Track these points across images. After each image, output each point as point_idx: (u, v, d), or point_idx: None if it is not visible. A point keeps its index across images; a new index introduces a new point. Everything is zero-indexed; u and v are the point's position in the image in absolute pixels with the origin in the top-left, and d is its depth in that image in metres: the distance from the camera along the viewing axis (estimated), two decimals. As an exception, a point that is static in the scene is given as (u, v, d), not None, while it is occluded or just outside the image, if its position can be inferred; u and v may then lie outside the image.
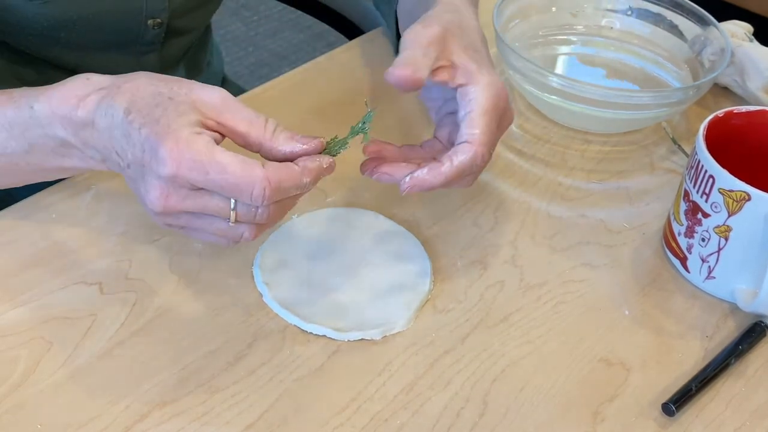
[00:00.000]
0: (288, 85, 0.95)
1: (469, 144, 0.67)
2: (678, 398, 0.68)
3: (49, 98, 0.65)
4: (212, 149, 0.59)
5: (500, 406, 0.67)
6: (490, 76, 0.70)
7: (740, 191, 0.71)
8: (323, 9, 1.24)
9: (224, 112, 0.62)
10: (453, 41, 0.70)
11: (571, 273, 0.78)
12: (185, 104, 0.61)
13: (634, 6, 1.01)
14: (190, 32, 0.98)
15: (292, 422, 0.64)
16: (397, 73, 0.66)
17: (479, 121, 0.67)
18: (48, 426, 0.62)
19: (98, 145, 0.64)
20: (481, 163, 0.67)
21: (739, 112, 0.78)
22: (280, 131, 0.63)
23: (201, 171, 0.59)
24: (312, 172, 0.62)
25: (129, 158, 0.62)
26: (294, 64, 1.20)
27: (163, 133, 0.59)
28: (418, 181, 0.67)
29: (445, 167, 0.66)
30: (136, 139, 0.61)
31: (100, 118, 0.63)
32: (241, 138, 0.62)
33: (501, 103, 0.69)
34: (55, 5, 0.82)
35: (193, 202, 0.61)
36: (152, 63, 0.95)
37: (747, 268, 0.74)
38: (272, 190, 0.59)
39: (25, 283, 0.71)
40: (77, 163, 0.67)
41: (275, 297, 0.72)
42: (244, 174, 0.59)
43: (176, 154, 0.59)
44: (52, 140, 0.66)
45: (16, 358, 0.66)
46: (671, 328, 0.74)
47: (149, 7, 0.88)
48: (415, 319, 0.72)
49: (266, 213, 0.62)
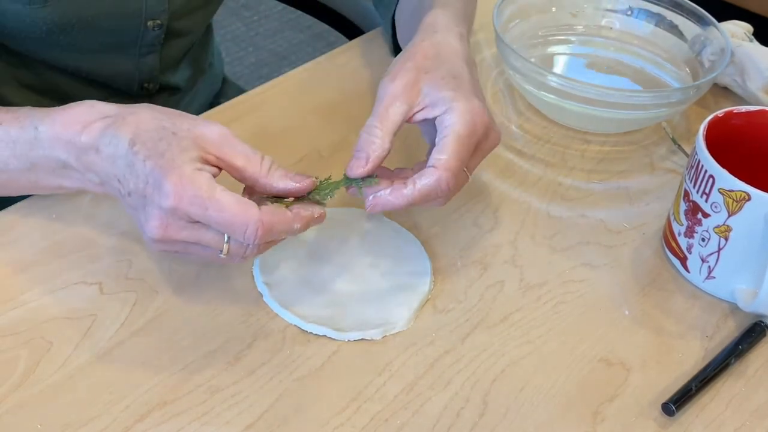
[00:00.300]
0: (288, 85, 0.95)
1: (434, 168, 0.68)
2: (678, 398, 0.68)
3: (53, 121, 0.68)
4: (213, 187, 0.62)
5: (500, 406, 0.67)
6: (468, 102, 0.70)
7: (740, 191, 0.71)
8: (323, 9, 1.24)
9: (223, 147, 0.65)
10: (426, 78, 0.72)
11: (571, 273, 0.78)
12: (188, 139, 0.64)
13: (634, 6, 1.01)
14: (190, 33, 0.98)
15: (292, 422, 0.64)
16: (356, 173, 0.69)
17: (449, 147, 0.69)
18: (48, 426, 0.62)
19: (99, 171, 0.67)
20: (446, 188, 0.69)
21: (739, 112, 0.78)
22: (276, 168, 0.66)
23: (201, 206, 0.62)
24: (303, 219, 0.66)
25: (131, 187, 0.64)
26: (294, 64, 1.20)
27: (168, 167, 0.62)
28: (380, 200, 0.69)
29: (408, 190, 0.68)
30: (140, 171, 0.63)
31: (105, 145, 0.65)
32: (238, 172, 0.66)
33: (479, 128, 0.70)
34: (54, 8, 0.82)
35: (189, 233, 0.64)
36: (151, 64, 0.95)
37: (747, 268, 0.74)
38: (264, 231, 0.63)
39: (25, 283, 0.71)
40: (75, 184, 0.70)
41: (275, 297, 0.72)
42: (240, 214, 0.62)
43: (179, 189, 0.62)
44: (54, 162, 0.68)
45: (16, 358, 0.66)
46: (671, 328, 0.74)
47: (148, 9, 0.88)
48: (415, 319, 0.72)
49: (256, 250, 0.65)
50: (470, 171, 0.72)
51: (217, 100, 1.12)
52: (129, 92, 0.97)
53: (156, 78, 0.97)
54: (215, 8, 1.00)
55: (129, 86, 0.96)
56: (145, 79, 0.96)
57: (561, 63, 1.01)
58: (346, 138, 0.88)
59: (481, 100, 0.72)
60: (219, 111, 0.91)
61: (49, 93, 0.94)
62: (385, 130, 0.70)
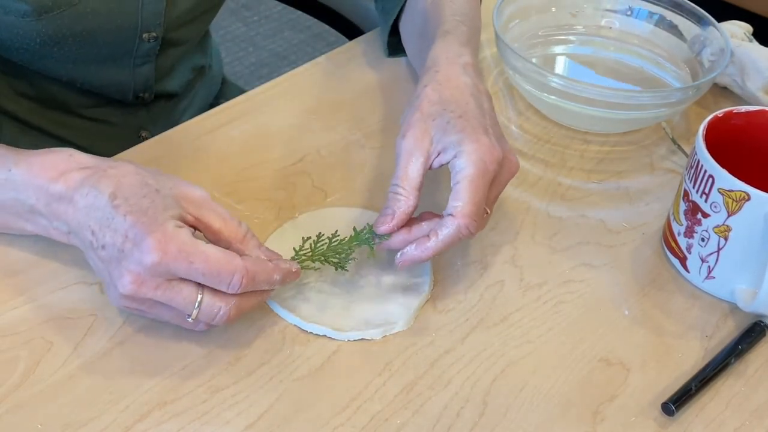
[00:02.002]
0: (288, 85, 0.95)
1: (452, 217, 0.70)
2: (678, 398, 0.68)
3: (29, 165, 0.67)
4: (195, 241, 0.64)
5: (500, 406, 0.67)
6: (475, 142, 0.71)
7: (740, 191, 0.71)
8: (323, 9, 1.24)
9: (203, 209, 0.67)
10: (434, 125, 0.73)
11: (571, 273, 0.78)
12: (170, 198, 0.65)
13: (634, 6, 1.01)
14: (186, 43, 0.98)
15: (292, 422, 0.64)
16: (383, 229, 0.71)
17: (463, 193, 0.70)
18: (48, 426, 0.62)
19: (70, 220, 0.66)
20: (467, 232, 0.70)
21: (739, 112, 0.78)
22: (251, 237, 0.68)
23: (185, 260, 0.62)
24: (282, 271, 0.67)
25: (106, 240, 0.64)
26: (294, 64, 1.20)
27: (151, 224, 0.63)
28: (408, 257, 0.71)
29: (431, 243, 0.70)
30: (120, 225, 0.63)
31: (82, 196, 0.65)
32: (214, 234, 0.67)
33: (489, 165, 0.71)
34: (48, 22, 0.81)
35: (162, 293, 0.64)
36: (147, 74, 0.94)
37: (746, 268, 0.74)
38: (248, 279, 0.64)
39: (25, 283, 0.71)
40: (39, 230, 0.70)
41: (275, 297, 0.72)
42: (226, 263, 0.63)
43: (163, 245, 0.62)
44: (21, 205, 0.68)
45: (16, 358, 0.66)
46: (671, 328, 0.74)
47: (144, 22, 0.88)
48: (415, 319, 0.72)
49: (225, 317, 0.65)
50: (490, 205, 0.73)
51: (217, 101, 1.12)
52: (124, 101, 0.97)
53: (151, 87, 0.97)
54: (212, 17, 1.00)
55: (124, 96, 0.96)
56: (140, 89, 0.96)
57: (561, 63, 1.01)
58: (346, 138, 0.88)
59: (489, 134, 0.73)
60: (219, 111, 0.91)
61: (44, 102, 0.94)
62: (408, 187, 0.71)
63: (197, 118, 0.89)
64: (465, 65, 0.78)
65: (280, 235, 0.77)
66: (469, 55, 0.80)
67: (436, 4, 0.88)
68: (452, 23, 0.84)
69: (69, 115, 0.95)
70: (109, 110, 0.97)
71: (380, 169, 0.85)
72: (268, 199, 0.81)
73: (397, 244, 0.72)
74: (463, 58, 0.79)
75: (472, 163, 0.70)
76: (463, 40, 0.82)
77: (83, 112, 0.96)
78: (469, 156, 0.70)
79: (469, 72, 0.78)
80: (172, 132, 0.87)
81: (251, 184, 0.82)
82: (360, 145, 0.88)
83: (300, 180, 0.83)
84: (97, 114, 0.97)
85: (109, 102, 0.96)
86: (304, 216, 0.79)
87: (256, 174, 0.83)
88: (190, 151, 0.85)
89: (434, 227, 0.70)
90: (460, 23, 0.84)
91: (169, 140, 0.86)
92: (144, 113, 0.99)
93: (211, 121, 0.89)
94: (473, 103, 0.75)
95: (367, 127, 0.90)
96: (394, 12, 0.95)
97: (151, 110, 1.00)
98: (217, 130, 0.88)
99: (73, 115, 0.96)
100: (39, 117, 0.94)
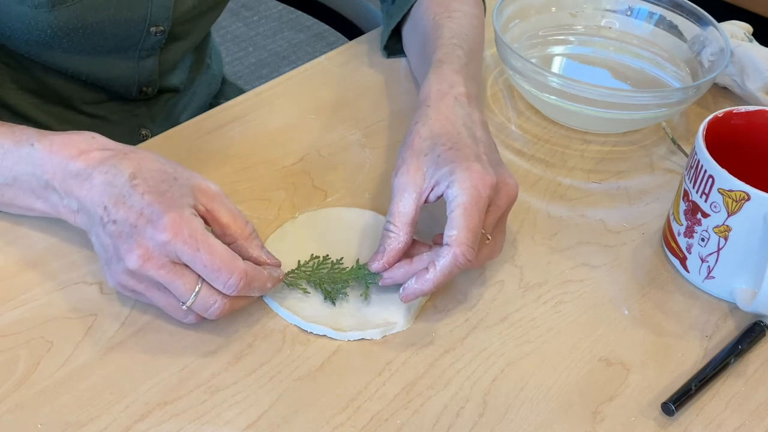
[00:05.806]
0: (288, 85, 0.95)
1: (448, 247, 0.70)
2: (678, 398, 0.68)
3: (51, 142, 0.69)
4: (206, 232, 0.66)
5: (500, 406, 0.67)
6: (466, 170, 0.71)
7: (740, 191, 0.71)
8: (323, 9, 1.24)
9: (215, 202, 0.69)
10: (426, 160, 0.73)
11: (570, 273, 0.78)
12: (187, 187, 0.68)
13: (634, 6, 1.01)
14: (190, 37, 0.98)
15: (292, 422, 0.64)
16: (374, 267, 0.72)
17: (458, 221, 0.70)
18: (48, 426, 0.62)
19: (82, 197, 0.68)
20: (464, 261, 0.69)
21: (739, 112, 0.78)
22: (255, 237, 0.70)
23: (193, 246, 0.64)
24: (274, 281, 0.69)
25: (119, 215, 0.65)
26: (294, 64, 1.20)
27: (168, 205, 0.65)
28: (410, 291, 0.71)
29: (430, 275, 0.70)
30: (136, 202, 0.65)
31: (100, 173, 0.67)
32: (222, 228, 0.69)
33: (482, 191, 0.70)
34: (60, 13, 0.82)
35: (166, 273, 0.65)
36: (150, 68, 0.95)
37: (746, 268, 0.74)
38: (246, 283, 0.66)
39: (25, 283, 0.71)
40: (48, 208, 0.71)
41: (275, 297, 0.72)
42: (228, 261, 0.65)
43: (177, 225, 0.64)
44: (37, 180, 0.70)
45: (16, 358, 0.66)
46: (671, 328, 0.74)
47: (153, 15, 0.88)
48: (415, 319, 0.72)
49: (218, 311, 0.67)
50: (489, 230, 0.72)
51: (217, 101, 1.12)
52: (127, 96, 0.97)
53: (155, 81, 0.97)
54: (218, 13, 1.00)
55: (128, 90, 0.96)
56: (143, 82, 0.96)
57: (561, 63, 1.01)
58: (346, 138, 0.88)
59: (482, 161, 0.72)
60: (219, 111, 0.91)
61: (46, 96, 0.94)
62: (399, 223, 0.71)
63: (197, 118, 0.90)
64: (458, 96, 0.78)
65: (280, 235, 0.77)
66: (462, 85, 0.80)
67: (436, 24, 0.88)
68: (448, 48, 0.84)
69: (71, 110, 0.96)
70: (111, 106, 0.97)
71: (380, 169, 0.85)
72: (268, 199, 0.81)
73: (399, 277, 0.72)
74: (456, 89, 0.79)
75: (464, 190, 0.70)
76: (458, 68, 0.82)
77: (85, 108, 0.96)
78: (461, 184, 0.70)
79: (462, 102, 0.78)
80: (172, 131, 0.87)
81: (251, 184, 0.82)
82: (360, 145, 0.88)
83: (300, 180, 0.83)
84: (99, 110, 0.97)
85: (112, 98, 0.96)
86: (304, 216, 0.79)
87: (256, 174, 0.83)
88: (190, 151, 0.85)
89: (433, 258, 0.70)
90: (456, 47, 0.84)
91: (169, 140, 0.86)
92: (145, 111, 1.00)
93: (211, 120, 0.89)
94: (465, 133, 0.75)
95: (367, 127, 0.90)
96: (397, 17, 0.96)
97: (152, 108, 1.00)
98: (217, 130, 0.88)
99: (75, 111, 0.96)
100: (40, 112, 0.95)
